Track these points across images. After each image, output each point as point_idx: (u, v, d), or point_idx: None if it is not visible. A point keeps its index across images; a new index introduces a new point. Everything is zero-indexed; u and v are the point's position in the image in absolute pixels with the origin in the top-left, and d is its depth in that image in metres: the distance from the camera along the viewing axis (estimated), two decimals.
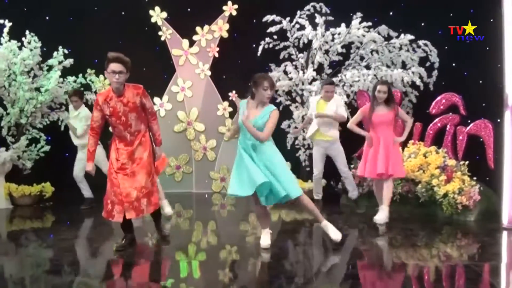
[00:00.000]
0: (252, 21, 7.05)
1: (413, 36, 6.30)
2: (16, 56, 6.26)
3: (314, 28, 6.51)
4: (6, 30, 6.22)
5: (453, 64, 6.69)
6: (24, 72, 6.35)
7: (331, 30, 6.47)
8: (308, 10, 6.66)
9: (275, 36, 6.71)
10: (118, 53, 3.83)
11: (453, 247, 4.30)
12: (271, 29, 6.65)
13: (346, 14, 6.51)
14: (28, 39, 6.37)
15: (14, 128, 6.48)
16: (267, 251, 4.00)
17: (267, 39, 6.71)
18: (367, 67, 6.57)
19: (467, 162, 5.51)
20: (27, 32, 6.39)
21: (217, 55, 7.39)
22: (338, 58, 6.68)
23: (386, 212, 4.92)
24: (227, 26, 7.36)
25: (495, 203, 5.24)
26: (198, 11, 7.33)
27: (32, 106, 6.36)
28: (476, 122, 5.64)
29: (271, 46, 6.74)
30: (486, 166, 5.55)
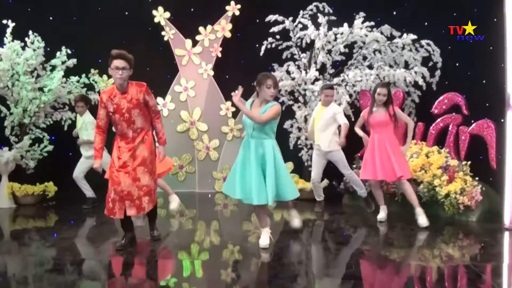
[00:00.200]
0: (255, 21, 7.06)
1: (415, 36, 6.29)
2: (19, 56, 6.29)
3: (317, 28, 6.51)
4: (9, 30, 6.25)
5: (456, 64, 6.66)
6: (27, 72, 6.37)
7: (334, 29, 6.47)
8: (311, 10, 6.65)
9: (277, 36, 6.71)
10: (121, 50, 3.90)
11: (454, 247, 4.29)
12: (274, 29, 6.65)
13: (349, 14, 6.50)
14: (31, 39, 6.39)
15: (18, 127, 6.50)
16: (267, 251, 4.00)
17: (270, 39, 6.71)
18: (370, 67, 6.57)
19: (469, 162, 5.49)
20: (30, 32, 6.41)
21: (220, 55, 7.41)
22: (341, 58, 6.68)
23: (422, 214, 4.86)
24: (230, 26, 7.38)
25: (497, 204, 5.21)
26: (201, 11, 7.36)
27: (35, 106, 6.39)
28: (479, 122, 5.59)
29: (274, 46, 6.74)
30: (489, 166, 5.52)
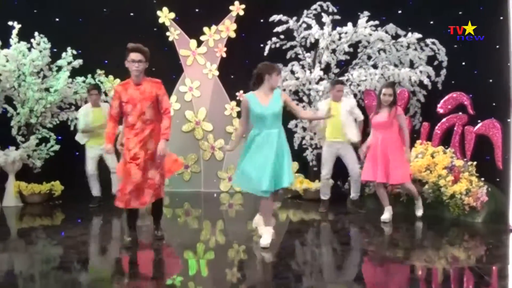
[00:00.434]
0: (259, 21, 7.05)
1: (420, 35, 6.24)
2: (25, 57, 6.34)
3: (321, 27, 6.48)
4: (15, 32, 6.29)
5: (462, 63, 6.61)
6: (34, 73, 6.42)
7: (338, 29, 6.43)
8: (315, 9, 6.62)
9: (282, 36, 6.69)
10: (137, 43, 4.08)
11: (459, 248, 4.27)
12: (278, 28, 6.64)
13: (353, 13, 6.46)
14: (37, 40, 6.43)
15: (24, 127, 6.56)
16: (269, 250, 4.00)
17: (274, 39, 6.69)
18: (375, 66, 6.53)
19: (475, 163, 5.44)
20: (36, 33, 6.45)
21: (224, 55, 7.42)
22: (345, 57, 6.63)
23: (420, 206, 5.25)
24: (234, 26, 7.38)
25: (503, 205, 5.15)
26: (206, 12, 7.37)
27: (42, 106, 6.44)
28: (485, 121, 5.53)
29: (278, 45, 6.72)
30: (496, 166, 5.45)
